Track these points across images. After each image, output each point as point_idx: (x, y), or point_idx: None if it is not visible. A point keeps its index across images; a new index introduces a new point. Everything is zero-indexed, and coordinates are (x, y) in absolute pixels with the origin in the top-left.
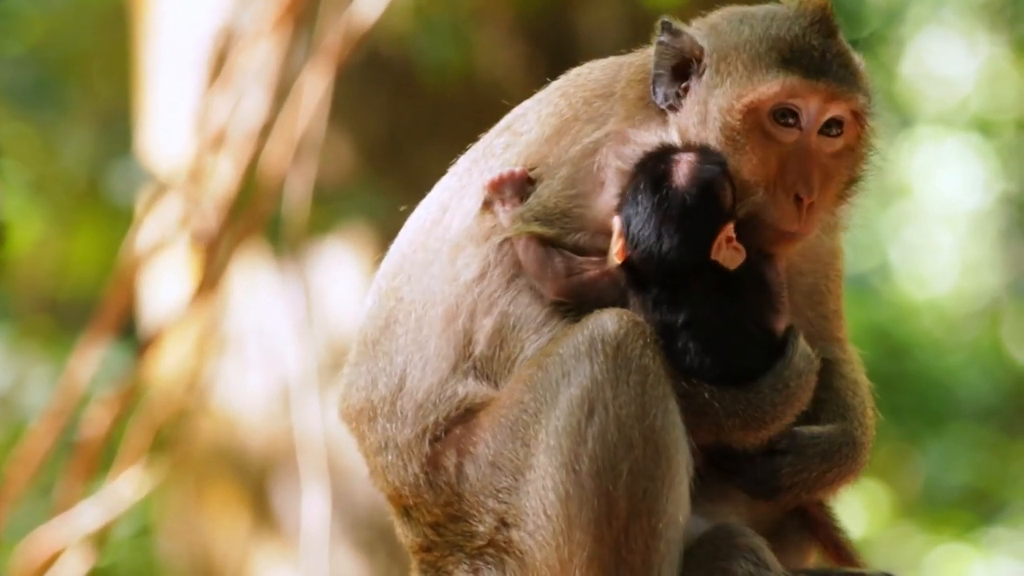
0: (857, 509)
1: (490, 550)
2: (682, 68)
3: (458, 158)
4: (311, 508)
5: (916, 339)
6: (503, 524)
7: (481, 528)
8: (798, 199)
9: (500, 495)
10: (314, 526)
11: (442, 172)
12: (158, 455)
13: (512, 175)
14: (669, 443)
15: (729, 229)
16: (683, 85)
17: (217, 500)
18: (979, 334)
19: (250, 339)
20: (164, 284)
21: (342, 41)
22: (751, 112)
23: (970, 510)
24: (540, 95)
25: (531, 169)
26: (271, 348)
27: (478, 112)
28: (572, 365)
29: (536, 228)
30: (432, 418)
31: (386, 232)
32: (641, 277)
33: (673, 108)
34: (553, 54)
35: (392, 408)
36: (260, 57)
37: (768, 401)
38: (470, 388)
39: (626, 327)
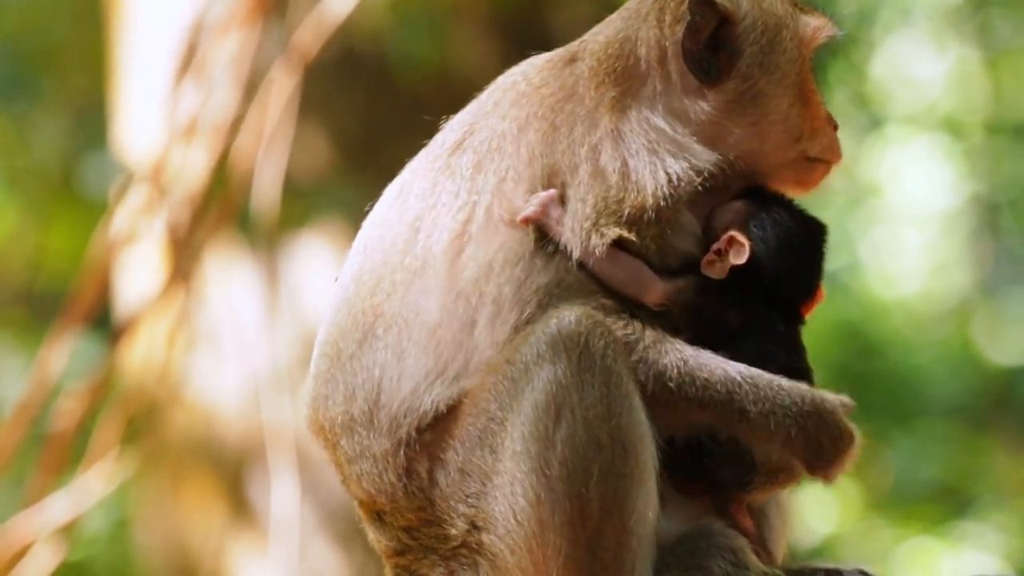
0: (828, 504)
1: (464, 551)
2: (713, 39)
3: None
4: (281, 499)
5: (886, 337)
6: (474, 527)
7: (453, 531)
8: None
9: (470, 500)
10: (284, 517)
11: None
12: (130, 447)
13: (550, 197)
14: (635, 440)
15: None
16: (719, 55)
17: (193, 492)
18: (948, 332)
19: (224, 331)
20: (137, 275)
21: (313, 36)
22: (809, 53)
23: (939, 505)
24: (483, 108)
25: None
26: (245, 341)
27: (452, 108)
28: (535, 370)
29: (617, 231)
30: (405, 429)
31: (358, 227)
32: (718, 295)
33: (716, 79)
34: (526, 51)
35: (370, 420)
36: (231, 51)
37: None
38: (441, 395)
39: (588, 327)
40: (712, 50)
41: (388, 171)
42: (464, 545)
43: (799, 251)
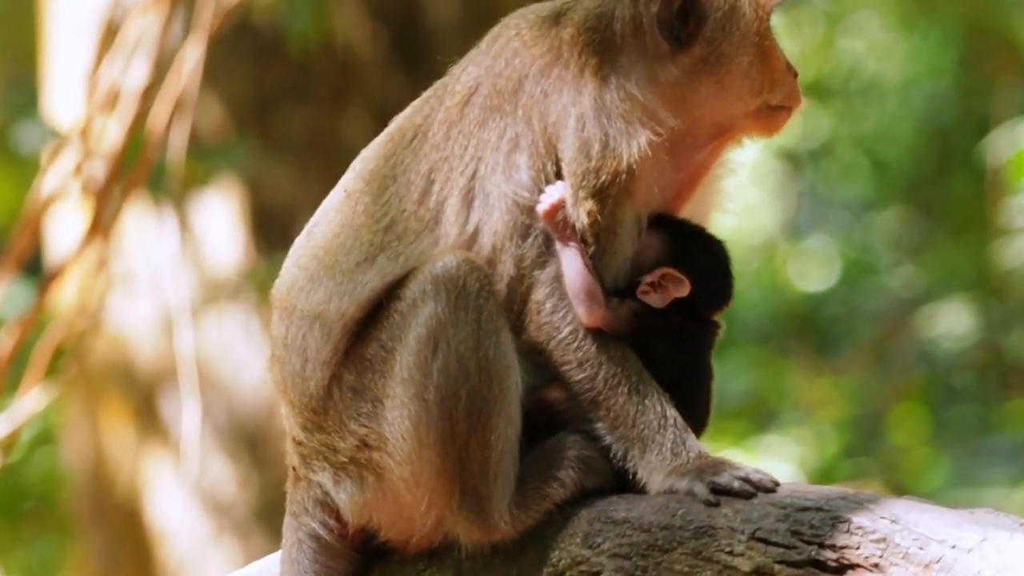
0: None
1: (351, 466)
2: (683, 8)
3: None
4: (188, 418)
5: None
6: (364, 445)
7: (343, 445)
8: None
9: (361, 419)
10: (190, 434)
11: (305, 132)
12: (58, 373)
13: (561, 199)
14: (500, 370)
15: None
16: (687, 23)
17: (111, 411)
18: (760, 265)
19: (139, 273)
20: (65, 226)
21: (216, 13)
22: (765, 15)
23: (747, 421)
24: (484, 60)
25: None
26: (157, 281)
27: (337, 76)
28: (420, 305)
29: (590, 204)
30: (327, 340)
31: (252, 185)
32: (655, 318)
33: (685, 44)
34: (399, 23)
35: (326, 327)
36: (145, 26)
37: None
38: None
39: (465, 270)
40: (682, 19)
41: (277, 135)
42: (352, 460)
43: (721, 273)
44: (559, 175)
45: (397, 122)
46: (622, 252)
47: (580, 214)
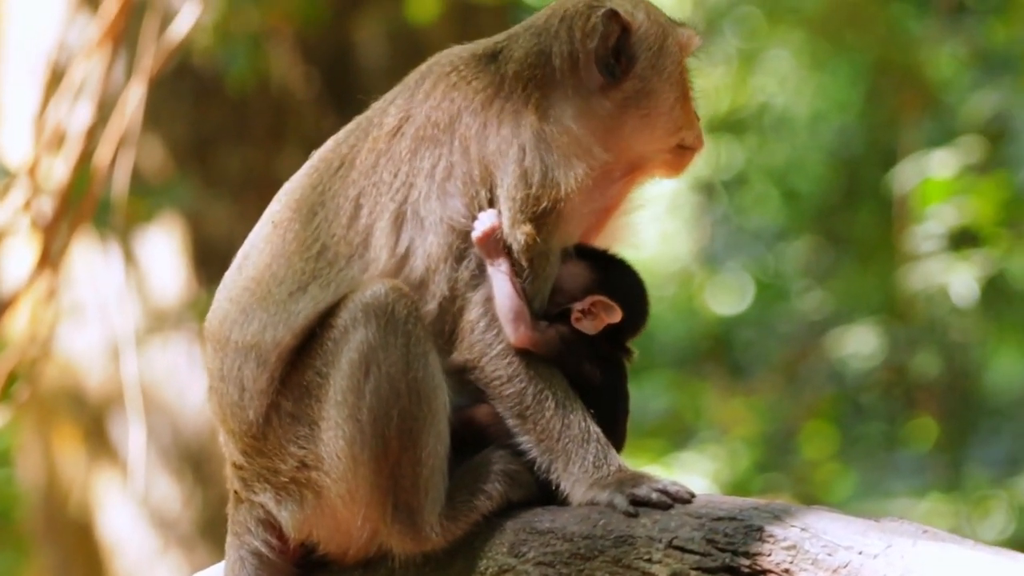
0: None
1: (292, 486)
2: (616, 46)
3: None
4: (135, 440)
5: None
6: (304, 466)
7: (283, 467)
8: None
9: (300, 442)
10: (136, 454)
11: (243, 169)
12: (12, 398)
13: (494, 226)
14: (429, 391)
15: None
16: (621, 59)
17: (62, 434)
18: (677, 290)
19: (88, 303)
20: (17, 259)
21: (156, 56)
22: (685, 58)
23: (665, 439)
24: (415, 95)
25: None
26: (105, 311)
27: (273, 116)
28: (351, 332)
29: (528, 228)
30: (262, 369)
31: (194, 220)
32: (579, 342)
33: (619, 79)
34: (331, 65)
35: (262, 357)
36: (90, 70)
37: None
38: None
39: (393, 297)
40: (616, 55)
41: (218, 172)
42: (293, 481)
43: (641, 300)
44: (492, 203)
45: (320, 155)
46: (549, 276)
47: (518, 237)
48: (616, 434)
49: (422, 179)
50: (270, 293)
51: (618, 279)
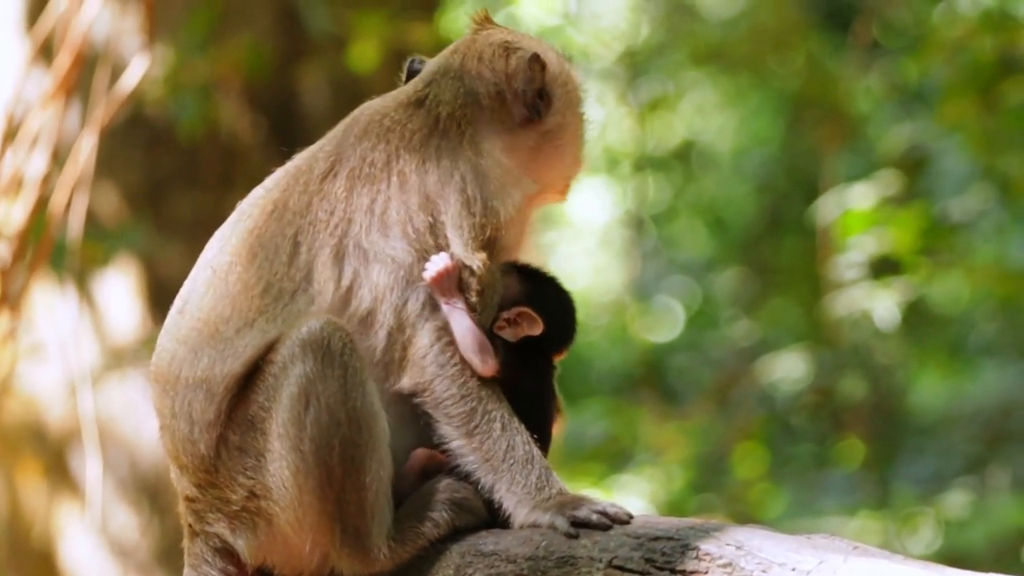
0: None
1: (244, 514)
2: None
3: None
4: (91, 472)
5: None
6: (253, 495)
7: (234, 496)
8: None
9: (247, 472)
10: (93, 486)
11: (194, 213)
12: None
13: (447, 267)
14: (368, 418)
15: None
16: (543, 97)
17: (24, 467)
18: (610, 319)
19: (48, 342)
20: None
21: (108, 107)
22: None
23: (603, 463)
24: (346, 140)
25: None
26: (63, 349)
27: (222, 162)
28: (290, 367)
29: (482, 255)
30: (210, 404)
31: (148, 262)
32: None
33: (539, 117)
34: (277, 112)
35: (211, 390)
36: (44, 120)
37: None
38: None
39: (329, 331)
40: (538, 95)
41: (170, 216)
42: (244, 509)
43: (569, 315)
44: (433, 233)
45: (249, 202)
46: (496, 301)
47: (475, 263)
48: (543, 439)
49: (361, 214)
50: (218, 331)
51: (545, 294)
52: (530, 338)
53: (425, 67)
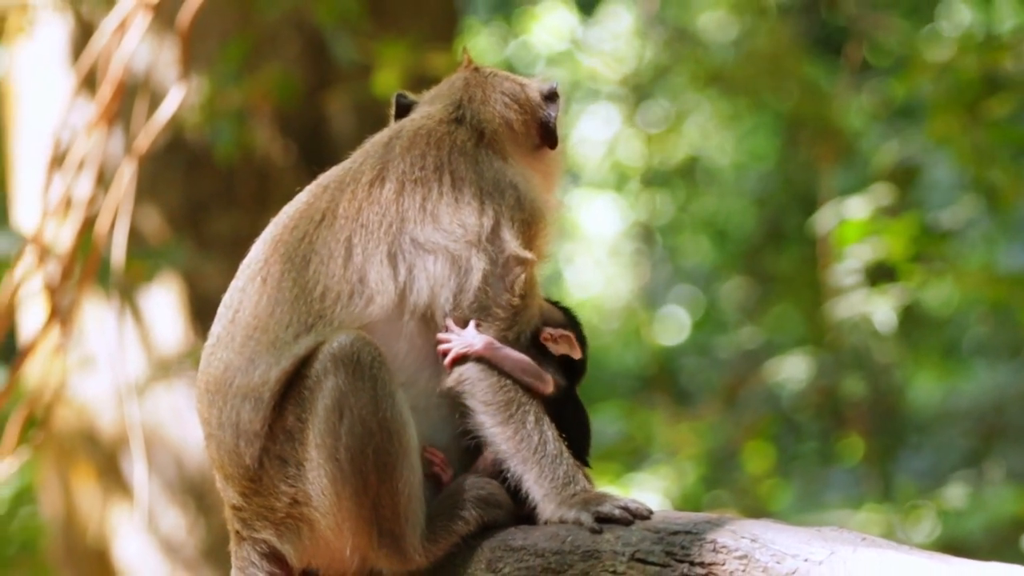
0: None
1: (289, 521)
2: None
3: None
4: (139, 475)
5: None
6: (295, 502)
7: (278, 504)
8: None
9: (289, 481)
10: (141, 488)
11: (232, 231)
12: (32, 438)
13: (470, 339)
14: (399, 427)
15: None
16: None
17: (79, 471)
18: (623, 323)
19: (99, 353)
20: (32, 316)
21: (149, 132)
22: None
23: (619, 462)
24: (389, 151)
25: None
26: (113, 360)
27: (257, 183)
28: (323, 380)
29: (532, 255)
30: (256, 415)
31: (189, 280)
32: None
33: (555, 145)
34: (307, 136)
35: (260, 399)
36: (90, 146)
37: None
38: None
39: (359, 345)
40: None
41: (209, 235)
42: (289, 516)
43: (586, 355)
44: (485, 227)
45: (292, 213)
46: (537, 312)
47: (529, 256)
48: (583, 444)
49: (414, 212)
50: (278, 338)
51: (577, 328)
52: (563, 363)
53: (435, 99)
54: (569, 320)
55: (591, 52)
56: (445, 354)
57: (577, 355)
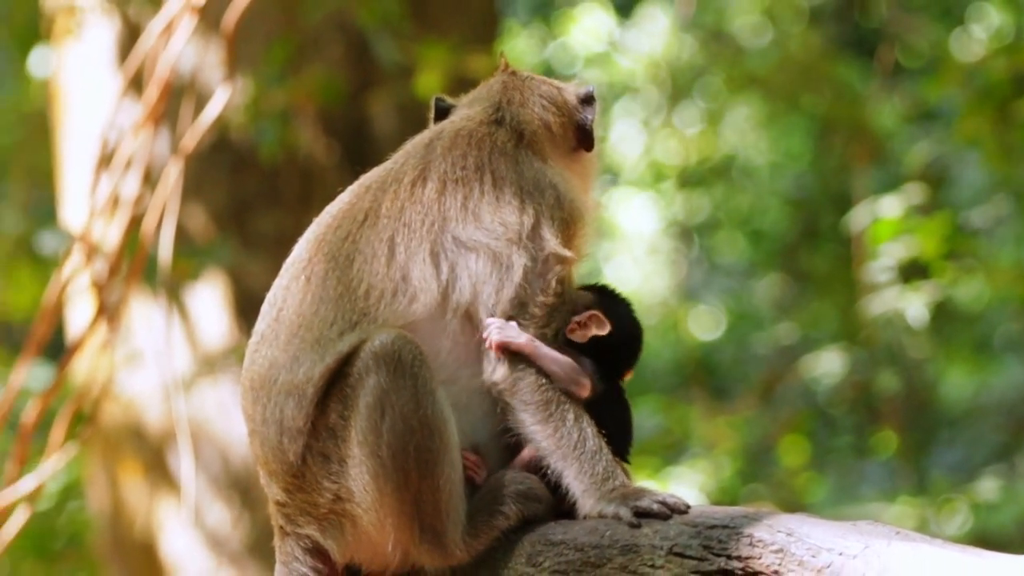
0: None
1: (332, 516)
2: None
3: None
4: (185, 470)
5: None
6: (338, 498)
7: (321, 500)
8: None
9: (332, 477)
10: (187, 483)
11: (276, 230)
12: (80, 433)
13: (507, 331)
14: (440, 425)
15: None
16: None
17: (126, 466)
18: (662, 318)
19: (146, 350)
20: (80, 312)
21: (194, 132)
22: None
23: (658, 456)
24: (431, 151)
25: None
26: (159, 356)
27: (300, 182)
28: (365, 378)
29: (569, 252)
30: (299, 412)
31: (234, 277)
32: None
33: (592, 148)
34: (350, 136)
35: (304, 395)
36: (137, 146)
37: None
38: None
39: (400, 344)
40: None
41: (254, 233)
42: (332, 512)
43: (637, 334)
44: (526, 225)
45: (336, 212)
46: (570, 308)
47: (569, 253)
48: (625, 440)
49: (455, 211)
50: (322, 335)
51: (619, 311)
52: (605, 358)
53: (474, 102)
54: (602, 297)
55: (628, 53)
56: (488, 344)
57: (606, 330)
